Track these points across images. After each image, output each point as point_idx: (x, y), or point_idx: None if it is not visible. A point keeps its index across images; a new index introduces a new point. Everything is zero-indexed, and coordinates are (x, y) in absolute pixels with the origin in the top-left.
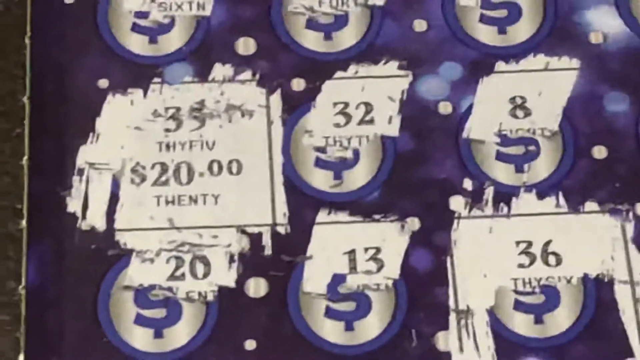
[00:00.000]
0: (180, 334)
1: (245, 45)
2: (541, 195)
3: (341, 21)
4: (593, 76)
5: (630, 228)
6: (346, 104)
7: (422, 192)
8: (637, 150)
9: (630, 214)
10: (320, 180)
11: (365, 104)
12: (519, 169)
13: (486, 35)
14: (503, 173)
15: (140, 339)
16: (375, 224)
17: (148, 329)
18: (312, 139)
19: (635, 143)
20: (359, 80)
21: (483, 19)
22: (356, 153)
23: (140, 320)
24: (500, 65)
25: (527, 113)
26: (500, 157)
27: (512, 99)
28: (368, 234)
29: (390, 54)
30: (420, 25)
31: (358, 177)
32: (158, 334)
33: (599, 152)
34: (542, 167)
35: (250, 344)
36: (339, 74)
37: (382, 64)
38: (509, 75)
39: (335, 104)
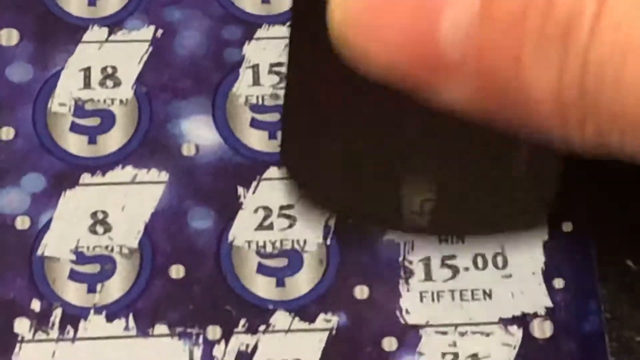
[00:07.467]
0: None
1: None
2: (110, 318)
3: None
4: (181, 190)
5: (198, 353)
6: None
7: None
8: (215, 270)
9: (200, 338)
10: None
11: None
12: (91, 289)
13: (75, 145)
14: (73, 293)
15: None
16: None
17: None
18: None
19: (214, 262)
20: None
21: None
22: None
23: None
24: (85, 178)
25: (107, 229)
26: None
27: (94, 214)
28: None
29: None
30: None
31: None
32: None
33: (177, 271)
34: (115, 288)
35: None
36: None
37: None
38: (93, 188)
39: None
